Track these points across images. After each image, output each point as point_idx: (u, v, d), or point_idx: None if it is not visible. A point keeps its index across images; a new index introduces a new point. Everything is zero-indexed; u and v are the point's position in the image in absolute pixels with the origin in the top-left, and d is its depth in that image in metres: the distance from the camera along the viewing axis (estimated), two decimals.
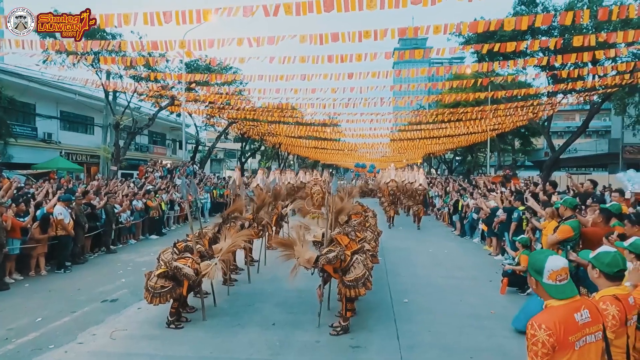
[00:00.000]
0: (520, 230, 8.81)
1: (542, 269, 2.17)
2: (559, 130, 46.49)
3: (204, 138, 41.96)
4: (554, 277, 2.16)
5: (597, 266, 2.66)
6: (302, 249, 5.27)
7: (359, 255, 5.42)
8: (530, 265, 2.28)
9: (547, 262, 2.17)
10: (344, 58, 11.21)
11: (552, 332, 2.03)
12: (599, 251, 2.73)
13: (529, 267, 2.30)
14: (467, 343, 5.15)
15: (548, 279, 2.17)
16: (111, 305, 6.55)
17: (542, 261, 2.19)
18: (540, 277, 2.19)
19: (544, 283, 2.19)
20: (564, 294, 2.17)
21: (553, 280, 2.16)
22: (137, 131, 24.32)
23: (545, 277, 2.17)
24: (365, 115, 21.49)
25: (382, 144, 37.78)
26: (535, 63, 16.53)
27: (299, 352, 4.85)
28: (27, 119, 23.88)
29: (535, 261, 2.24)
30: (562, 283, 2.18)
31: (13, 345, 5.03)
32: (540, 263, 2.20)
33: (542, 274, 2.18)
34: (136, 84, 20.68)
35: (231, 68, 25.27)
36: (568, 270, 2.21)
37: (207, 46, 9.72)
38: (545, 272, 2.17)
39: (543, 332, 2.04)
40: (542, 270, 2.18)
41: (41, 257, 8.66)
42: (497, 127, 25.79)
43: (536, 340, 2.05)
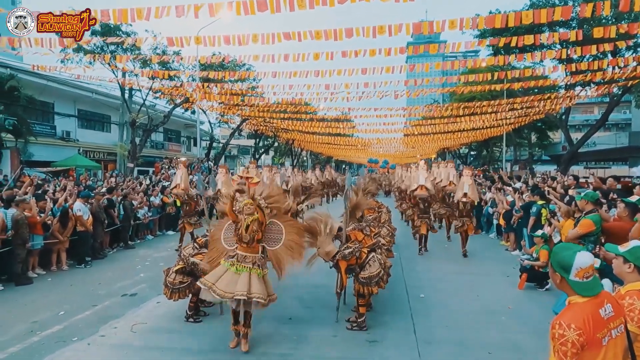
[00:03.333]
0: (538, 225, 8.69)
1: (570, 266, 2.08)
2: (577, 124, 45.64)
3: (218, 135, 42.31)
4: (582, 274, 2.08)
5: (632, 260, 2.58)
6: (324, 240, 5.32)
7: (376, 253, 5.42)
8: (555, 260, 2.17)
9: (575, 259, 2.08)
10: (358, 53, 11.16)
11: (582, 331, 1.96)
12: (633, 245, 2.65)
13: (553, 263, 2.19)
14: (484, 338, 5.12)
15: (575, 276, 2.08)
16: (131, 300, 6.68)
17: (570, 257, 2.10)
18: (566, 274, 2.10)
19: (570, 280, 2.10)
20: (590, 291, 2.09)
21: (580, 277, 2.08)
22: (153, 128, 24.66)
23: (573, 275, 2.08)
24: (379, 111, 21.35)
25: (395, 139, 37.56)
26: (553, 56, 16.20)
27: (316, 346, 4.87)
28: (46, 117, 24.39)
29: (563, 257, 2.13)
30: (589, 280, 2.10)
31: (38, 338, 5.17)
32: (567, 259, 2.10)
33: (569, 271, 2.09)
34: (151, 81, 20.92)
35: (244, 65, 25.39)
36: (594, 266, 2.15)
37: (222, 42, 9.77)
38: (573, 269, 2.08)
39: (573, 331, 1.96)
40: (569, 267, 2.08)
41: (62, 253, 8.85)
42: (513, 120, 25.41)
43: (565, 341, 1.97)
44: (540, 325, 5.50)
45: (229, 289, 4.44)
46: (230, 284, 4.47)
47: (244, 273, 4.56)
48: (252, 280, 4.53)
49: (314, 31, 9.68)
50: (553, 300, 6.44)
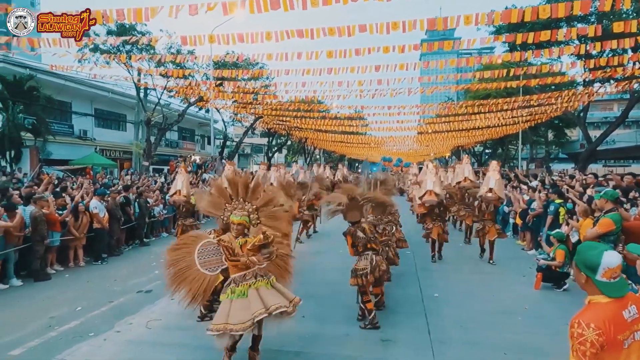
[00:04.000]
0: (556, 224, 8.52)
1: (597, 265, 2.01)
2: (596, 121, 44.69)
3: (232, 133, 42.52)
4: (609, 275, 2.01)
5: None
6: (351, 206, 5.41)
7: (372, 253, 5.36)
8: (581, 260, 2.10)
9: (602, 259, 2.01)
10: (372, 50, 11.08)
11: (601, 331, 1.91)
12: None
13: (578, 262, 2.12)
14: (500, 339, 5.04)
15: (602, 276, 2.01)
16: (146, 296, 6.75)
17: (597, 257, 2.03)
18: (593, 274, 2.03)
19: (597, 281, 2.03)
20: (618, 292, 2.03)
21: (607, 278, 2.01)
22: (167, 127, 24.92)
23: (600, 275, 2.01)
24: (393, 109, 21.19)
25: (408, 137, 37.28)
26: (571, 51, 15.85)
27: (329, 344, 4.86)
28: (64, 116, 24.86)
29: (589, 257, 2.06)
30: (617, 280, 2.03)
31: (55, 333, 5.27)
32: (595, 259, 2.03)
33: (596, 271, 2.02)
34: (166, 80, 21.15)
35: (257, 63, 25.48)
36: (622, 267, 2.07)
37: (236, 40, 9.80)
38: (601, 269, 2.01)
39: (592, 331, 1.91)
40: (596, 267, 2.02)
41: (79, 249, 9.01)
42: (529, 118, 24.99)
43: (584, 340, 1.92)
44: (557, 326, 5.39)
45: (245, 316, 3.82)
46: (243, 311, 3.86)
47: (251, 291, 3.97)
48: (263, 293, 3.96)
49: (327, 28, 9.65)
50: (571, 301, 6.32)
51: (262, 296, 3.94)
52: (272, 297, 3.96)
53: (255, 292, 3.96)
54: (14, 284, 7.40)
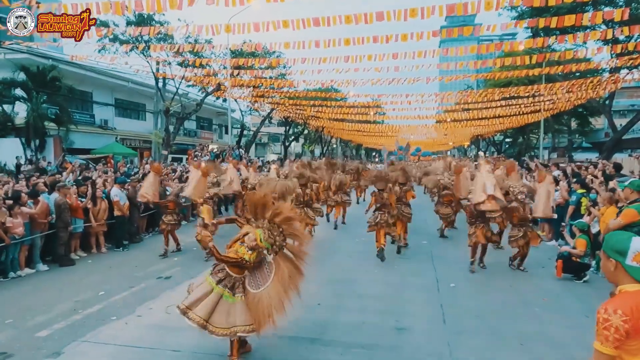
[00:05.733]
0: (577, 214, 8.34)
1: (627, 249, 2.02)
2: (622, 109, 43.22)
3: (249, 122, 42.76)
4: (639, 259, 2.00)
5: None
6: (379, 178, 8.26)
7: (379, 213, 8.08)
8: (610, 246, 2.11)
9: (632, 243, 2.02)
10: (389, 39, 10.93)
11: (628, 318, 1.91)
12: None
13: (606, 249, 2.12)
14: (517, 330, 4.99)
15: (633, 260, 2.01)
16: (165, 282, 6.92)
17: (625, 241, 2.05)
18: (623, 258, 2.03)
19: (627, 265, 2.02)
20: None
21: (638, 262, 2.00)
22: (186, 116, 25.20)
23: (630, 259, 2.01)
24: (411, 97, 20.92)
25: (427, 126, 36.83)
26: (597, 37, 15.30)
27: (345, 332, 4.90)
28: (85, 106, 25.35)
29: (617, 241, 2.08)
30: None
31: (80, 316, 5.45)
32: (623, 243, 2.05)
33: (625, 255, 2.02)
34: (184, 69, 21.32)
35: (274, 52, 25.43)
36: None
37: (252, 29, 9.80)
38: (630, 252, 2.01)
39: (618, 317, 1.92)
40: (625, 251, 2.02)
41: (100, 236, 9.25)
42: (552, 106, 24.35)
43: (609, 325, 1.93)
44: (576, 318, 5.33)
45: (228, 322, 3.95)
46: (225, 315, 3.98)
47: (239, 302, 3.98)
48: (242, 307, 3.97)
49: (344, 16, 9.55)
50: (590, 293, 6.22)
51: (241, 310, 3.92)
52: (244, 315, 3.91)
53: (242, 304, 3.94)
54: (40, 269, 7.67)
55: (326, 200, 12.03)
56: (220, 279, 4.05)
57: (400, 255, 8.56)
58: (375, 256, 8.10)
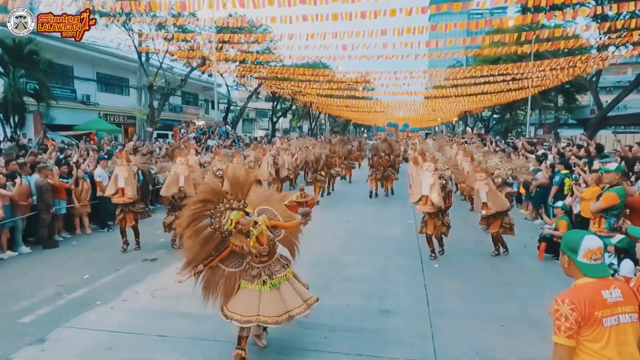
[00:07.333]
0: (560, 195, 8.47)
1: (578, 247, 2.18)
2: (608, 86, 43.54)
3: (236, 98, 42.07)
4: (589, 255, 2.16)
5: None
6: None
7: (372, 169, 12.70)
8: (564, 243, 2.27)
9: (583, 241, 2.18)
10: (378, 14, 10.71)
11: (575, 306, 2.06)
12: None
13: (563, 247, 2.28)
14: (498, 311, 5.12)
15: (583, 257, 2.17)
16: (151, 265, 6.89)
17: (578, 240, 2.21)
18: (574, 255, 2.19)
19: (577, 261, 2.18)
20: (597, 273, 2.17)
21: (588, 259, 2.16)
22: (170, 92, 24.63)
23: (580, 256, 2.17)
24: (399, 73, 20.74)
25: (415, 102, 36.70)
26: (586, 13, 15.20)
27: (330, 315, 4.95)
28: (66, 81, 24.56)
29: (571, 240, 2.24)
30: (597, 262, 2.18)
31: (64, 301, 5.42)
32: (576, 241, 2.20)
33: (577, 252, 2.18)
34: (167, 44, 20.71)
35: (261, 26, 24.79)
36: (603, 250, 2.22)
37: (236, 4, 9.49)
38: (581, 250, 2.17)
39: (566, 306, 2.07)
40: (577, 249, 2.18)
41: (84, 217, 9.13)
42: (539, 83, 24.36)
43: (559, 315, 2.08)
44: None
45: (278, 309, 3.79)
46: (275, 303, 3.82)
47: (284, 283, 3.94)
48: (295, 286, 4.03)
49: None
50: None
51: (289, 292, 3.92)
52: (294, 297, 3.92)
53: (287, 285, 3.95)
54: (22, 251, 7.57)
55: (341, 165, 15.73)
56: (252, 276, 3.90)
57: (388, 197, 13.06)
58: (361, 239, 8.35)
